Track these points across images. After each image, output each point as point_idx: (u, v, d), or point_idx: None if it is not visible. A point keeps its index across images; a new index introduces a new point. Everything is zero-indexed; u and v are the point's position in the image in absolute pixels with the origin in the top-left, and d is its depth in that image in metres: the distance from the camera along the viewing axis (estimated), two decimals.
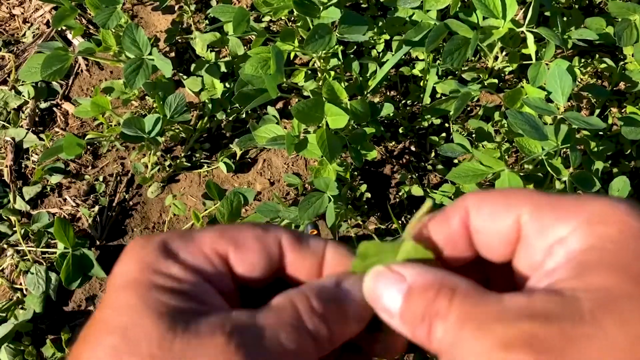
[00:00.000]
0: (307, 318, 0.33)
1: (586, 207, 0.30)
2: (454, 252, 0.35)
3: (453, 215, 0.35)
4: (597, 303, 0.27)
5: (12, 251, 1.44)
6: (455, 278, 0.32)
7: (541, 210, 0.32)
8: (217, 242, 0.35)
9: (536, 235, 0.32)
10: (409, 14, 1.35)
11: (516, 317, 0.28)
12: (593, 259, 0.28)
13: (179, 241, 0.35)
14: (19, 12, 1.85)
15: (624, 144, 1.41)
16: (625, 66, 1.42)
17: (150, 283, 0.32)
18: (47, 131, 1.62)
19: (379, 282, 0.34)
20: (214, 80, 1.52)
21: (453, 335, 0.30)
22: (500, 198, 0.33)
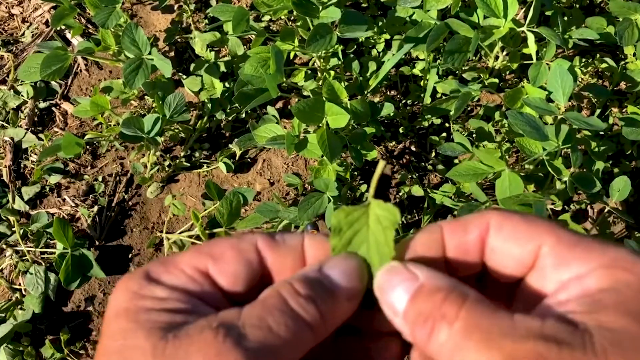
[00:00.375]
0: (293, 301, 0.34)
1: (608, 253, 0.32)
2: (462, 260, 0.36)
3: (473, 227, 0.35)
4: (608, 341, 0.28)
5: (11, 251, 1.44)
6: (467, 287, 0.33)
7: (563, 245, 0.33)
8: (195, 260, 0.36)
9: (553, 268, 0.33)
10: (409, 14, 1.35)
11: (527, 336, 0.28)
12: (609, 299, 0.30)
13: (160, 267, 0.36)
14: (18, 12, 1.85)
15: (624, 144, 1.41)
16: (626, 66, 1.42)
17: (138, 307, 0.34)
18: (46, 131, 1.62)
19: (391, 278, 0.35)
20: (214, 80, 1.52)
21: (457, 343, 0.30)
22: (524, 223, 0.34)
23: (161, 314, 0.33)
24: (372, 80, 1.37)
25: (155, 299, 0.34)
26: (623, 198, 1.17)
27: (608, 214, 1.31)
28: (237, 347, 0.31)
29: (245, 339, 0.31)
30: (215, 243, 0.37)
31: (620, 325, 0.28)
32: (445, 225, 0.37)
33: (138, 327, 0.32)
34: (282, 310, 0.33)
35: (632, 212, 1.38)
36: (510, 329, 0.29)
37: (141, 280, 0.35)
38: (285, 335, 0.32)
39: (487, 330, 0.29)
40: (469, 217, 0.36)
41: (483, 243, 0.35)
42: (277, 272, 0.38)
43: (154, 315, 0.33)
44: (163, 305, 0.34)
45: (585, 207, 1.40)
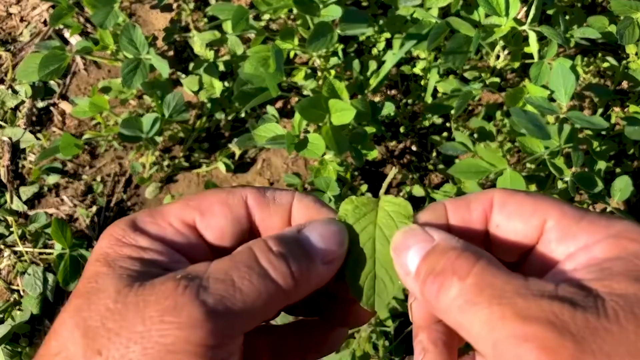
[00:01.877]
0: (263, 257, 0.33)
1: (614, 225, 0.32)
2: (465, 237, 0.35)
3: (476, 204, 0.35)
4: (619, 305, 0.28)
5: (9, 252, 1.43)
6: (482, 250, 0.32)
7: (568, 219, 0.33)
8: (184, 212, 0.36)
9: (559, 241, 0.33)
10: (410, 12, 1.34)
11: (540, 296, 0.28)
12: (618, 267, 0.30)
13: (147, 216, 0.36)
14: (16, 11, 1.84)
15: (626, 143, 1.40)
16: (628, 65, 1.41)
17: (116, 254, 0.34)
18: (44, 131, 1.61)
19: (407, 238, 0.35)
20: (213, 80, 1.51)
21: (468, 299, 0.30)
22: (528, 199, 0.34)
23: (137, 262, 0.33)
24: (373, 79, 1.37)
25: (136, 247, 0.34)
26: (625, 198, 1.16)
27: (610, 214, 1.30)
28: (195, 300, 0.30)
29: (205, 292, 0.31)
30: (204, 196, 0.37)
31: (632, 292, 0.28)
32: (449, 203, 0.36)
33: (110, 272, 0.33)
34: (250, 266, 0.32)
35: (634, 213, 1.38)
36: (524, 289, 0.29)
37: (126, 228, 0.35)
38: (248, 291, 0.32)
39: (501, 288, 0.29)
40: (472, 195, 0.36)
41: (486, 220, 0.35)
42: (265, 230, 0.37)
43: (130, 263, 0.33)
44: (142, 254, 0.34)
45: (587, 207, 1.39)
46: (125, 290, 0.32)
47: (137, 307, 0.31)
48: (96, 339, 0.30)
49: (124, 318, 0.30)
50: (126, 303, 0.31)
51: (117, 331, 0.30)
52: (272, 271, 0.33)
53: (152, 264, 0.34)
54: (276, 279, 0.32)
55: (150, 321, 0.30)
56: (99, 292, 0.32)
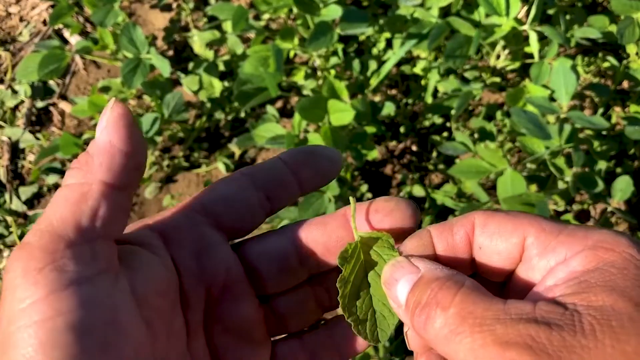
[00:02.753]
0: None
1: (591, 236, 0.33)
2: (452, 263, 0.36)
3: (458, 228, 0.36)
4: (596, 320, 0.28)
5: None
6: (464, 277, 0.33)
7: (547, 234, 0.34)
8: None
9: (540, 256, 0.34)
10: (410, 12, 1.34)
11: (518, 320, 0.29)
12: (596, 279, 0.30)
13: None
14: (16, 11, 1.84)
15: (627, 143, 1.40)
16: (628, 65, 1.41)
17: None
18: (44, 130, 1.61)
19: (395, 272, 0.35)
20: (213, 79, 1.51)
21: (451, 329, 0.30)
22: (507, 218, 0.35)
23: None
24: (373, 79, 1.36)
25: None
26: (625, 198, 1.16)
27: (610, 214, 1.30)
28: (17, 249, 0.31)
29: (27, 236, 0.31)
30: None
31: (608, 304, 0.29)
32: (433, 228, 0.37)
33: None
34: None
35: (635, 213, 1.38)
36: (502, 314, 0.30)
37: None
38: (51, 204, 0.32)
39: (481, 315, 0.30)
40: (455, 219, 0.37)
41: (470, 242, 0.36)
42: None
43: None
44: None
45: (588, 207, 1.39)
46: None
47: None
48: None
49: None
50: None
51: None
52: (67, 176, 0.33)
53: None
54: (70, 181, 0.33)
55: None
56: None
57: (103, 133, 0.33)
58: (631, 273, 0.30)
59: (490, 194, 1.29)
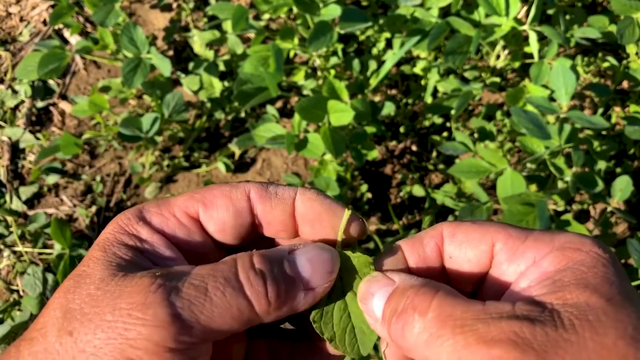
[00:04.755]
0: (242, 272, 0.33)
1: (557, 238, 0.34)
2: (425, 274, 0.37)
3: (428, 240, 0.37)
4: (574, 315, 0.30)
5: (8, 252, 1.42)
6: (439, 284, 0.34)
7: (514, 239, 0.35)
8: (188, 204, 0.37)
9: (509, 261, 0.35)
10: (410, 12, 1.34)
11: (499, 318, 0.30)
12: (569, 278, 0.32)
13: (153, 207, 0.37)
14: (16, 11, 1.84)
15: (627, 143, 1.40)
16: (628, 65, 1.41)
17: (115, 240, 0.35)
18: (44, 130, 1.61)
19: (370, 286, 0.36)
20: (213, 79, 1.51)
21: (431, 333, 0.31)
22: (474, 227, 0.36)
23: (130, 252, 0.34)
24: (373, 78, 1.36)
25: (135, 237, 0.35)
26: (625, 198, 1.16)
27: (610, 214, 1.30)
28: (164, 301, 0.31)
29: (176, 295, 0.31)
30: (209, 189, 0.37)
31: (583, 300, 0.30)
32: (404, 243, 0.38)
33: (102, 258, 0.33)
34: (227, 278, 0.32)
35: (635, 213, 1.38)
36: (482, 313, 0.30)
37: (132, 217, 0.36)
38: (218, 302, 0.32)
39: (461, 317, 0.30)
40: (423, 232, 0.38)
41: (441, 253, 0.37)
42: (267, 224, 0.37)
43: (124, 251, 0.34)
44: (139, 245, 0.35)
45: (587, 207, 1.39)
46: (108, 278, 0.32)
47: (112, 297, 0.31)
48: (71, 321, 0.31)
49: (98, 305, 0.31)
50: (105, 291, 0.32)
51: (91, 317, 0.31)
52: (247, 288, 0.32)
53: (145, 256, 0.35)
54: (250, 298, 0.32)
55: (119, 312, 0.31)
56: (87, 277, 0.33)
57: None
58: (600, 271, 0.32)
59: (490, 193, 1.29)
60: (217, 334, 0.32)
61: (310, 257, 0.35)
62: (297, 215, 0.37)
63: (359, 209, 1.42)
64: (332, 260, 0.36)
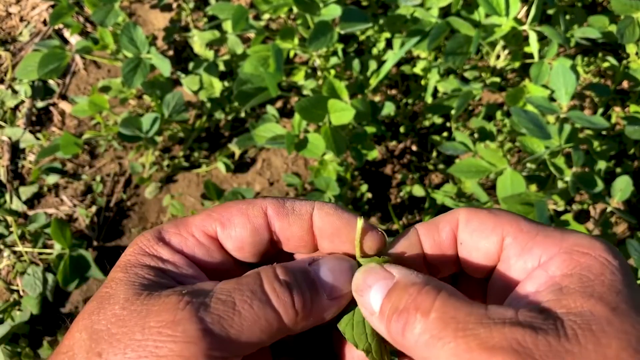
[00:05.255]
0: (268, 284, 0.33)
1: (567, 239, 0.33)
2: (439, 261, 0.37)
3: (444, 225, 0.37)
4: (577, 325, 0.29)
5: (8, 252, 1.42)
6: (441, 283, 0.33)
7: (524, 235, 0.34)
8: (206, 224, 0.37)
9: (517, 257, 0.34)
10: (410, 12, 1.34)
11: (502, 324, 0.29)
12: (574, 285, 0.31)
13: (172, 227, 0.37)
14: (16, 11, 1.84)
15: (627, 143, 1.40)
16: (628, 65, 1.41)
17: (137, 262, 0.35)
18: (44, 130, 1.61)
19: (368, 277, 0.35)
20: (213, 79, 1.51)
21: (432, 335, 0.30)
22: (489, 216, 0.36)
23: (152, 272, 0.34)
24: (373, 78, 1.36)
25: (156, 257, 0.35)
26: (625, 198, 1.16)
27: (610, 214, 1.30)
28: (194, 317, 0.31)
29: (205, 310, 0.31)
30: (226, 207, 0.38)
31: (587, 309, 0.30)
32: (420, 227, 0.38)
33: (124, 279, 0.34)
34: (253, 291, 0.33)
35: (635, 213, 1.38)
36: (485, 318, 0.30)
37: (152, 238, 0.36)
38: (247, 315, 0.32)
39: (463, 320, 0.30)
40: (440, 216, 0.37)
41: (456, 239, 0.37)
42: (285, 240, 0.37)
43: (146, 272, 0.34)
44: (161, 265, 0.35)
45: (587, 207, 1.39)
46: (133, 298, 0.32)
47: (139, 316, 0.31)
48: (99, 342, 0.31)
49: (126, 325, 0.31)
50: (131, 311, 0.32)
51: (119, 337, 0.31)
52: (274, 299, 0.33)
53: (168, 275, 0.35)
54: (277, 308, 0.33)
55: (149, 331, 0.31)
56: (111, 297, 0.33)
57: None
58: (607, 279, 0.31)
59: (490, 193, 1.29)
60: (246, 348, 0.32)
61: (331, 267, 0.36)
62: (316, 230, 0.37)
63: (359, 209, 1.42)
64: (352, 269, 0.36)
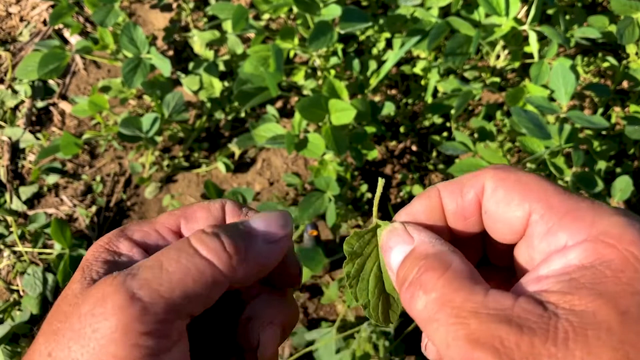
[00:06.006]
0: (195, 238, 0.33)
1: (598, 223, 0.30)
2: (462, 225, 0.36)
3: (468, 189, 0.35)
4: (573, 327, 0.27)
5: (8, 252, 1.42)
6: (454, 256, 0.32)
7: (552, 213, 0.31)
8: (170, 220, 0.37)
9: (540, 237, 0.32)
10: (410, 12, 1.34)
11: (493, 318, 0.28)
12: (586, 279, 0.28)
13: (135, 225, 0.37)
14: (16, 11, 1.84)
15: (627, 143, 1.40)
16: (628, 65, 1.41)
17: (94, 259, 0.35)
18: (44, 130, 1.61)
19: (390, 239, 0.35)
20: (213, 79, 1.51)
21: (430, 314, 0.30)
22: (517, 186, 0.33)
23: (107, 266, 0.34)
24: (373, 78, 1.37)
25: (115, 253, 0.35)
26: (625, 198, 1.16)
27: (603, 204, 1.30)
28: (120, 288, 0.30)
29: (132, 279, 0.31)
30: (189, 206, 0.38)
31: (590, 310, 0.27)
32: (443, 187, 0.36)
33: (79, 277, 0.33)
34: (180, 249, 0.33)
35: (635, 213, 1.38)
36: (481, 306, 0.29)
37: (113, 236, 0.36)
38: (175, 269, 0.31)
39: (459, 306, 0.29)
40: (465, 178, 0.35)
41: (480, 204, 0.35)
42: None
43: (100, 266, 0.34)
44: (116, 259, 0.35)
45: None
46: (79, 293, 0.32)
47: (76, 306, 0.31)
48: (49, 342, 0.31)
49: (67, 318, 0.31)
50: (73, 304, 0.31)
51: (63, 332, 0.31)
52: (202, 248, 0.33)
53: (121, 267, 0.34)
54: (206, 256, 0.32)
55: (84, 317, 0.30)
56: (65, 297, 0.33)
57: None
58: (625, 277, 0.28)
59: None
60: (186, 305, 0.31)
61: (261, 216, 0.36)
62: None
63: (358, 209, 1.42)
64: (284, 215, 0.36)
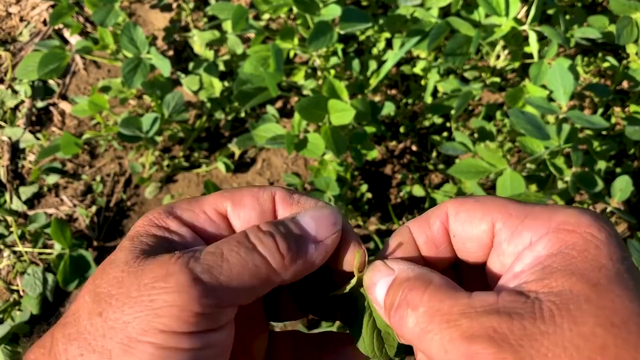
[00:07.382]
0: (252, 234, 0.35)
1: (554, 217, 0.34)
2: (435, 254, 0.38)
3: (434, 220, 0.38)
4: (556, 305, 0.30)
5: (8, 252, 1.43)
6: (433, 274, 0.35)
7: (513, 219, 0.35)
8: (217, 202, 0.39)
9: (508, 241, 0.35)
10: (410, 12, 1.34)
11: (481, 313, 0.30)
12: (557, 264, 0.32)
13: (184, 204, 0.39)
14: (16, 11, 1.84)
15: (626, 143, 1.40)
16: (628, 65, 1.41)
17: (144, 232, 0.37)
18: (44, 130, 1.61)
19: (373, 275, 0.37)
20: (213, 79, 1.51)
21: (422, 328, 0.32)
22: (476, 206, 0.37)
23: (157, 240, 0.36)
24: (373, 78, 1.37)
25: (164, 229, 0.37)
26: (625, 198, 1.16)
27: (610, 214, 1.30)
28: (184, 268, 0.33)
29: (195, 262, 0.33)
30: (238, 189, 0.40)
31: (567, 288, 0.30)
32: (412, 224, 0.39)
33: (129, 246, 0.36)
34: (239, 241, 0.35)
35: (635, 213, 1.38)
36: (468, 307, 0.31)
37: (163, 212, 0.38)
38: (235, 261, 0.34)
39: (448, 312, 0.31)
40: (430, 211, 0.38)
41: (447, 232, 0.38)
42: None
43: (151, 240, 0.36)
44: (167, 235, 0.37)
45: (588, 207, 1.39)
46: (132, 261, 0.35)
47: (135, 276, 0.34)
48: (100, 303, 0.34)
49: (123, 285, 0.34)
50: (129, 272, 0.34)
51: (117, 296, 0.33)
52: (259, 245, 0.35)
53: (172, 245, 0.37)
54: (263, 252, 0.35)
55: (144, 287, 0.33)
56: (112, 262, 0.35)
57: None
58: (590, 254, 0.31)
59: (490, 194, 1.29)
60: (240, 295, 0.34)
61: (312, 215, 0.38)
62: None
63: (358, 209, 1.42)
64: (334, 214, 0.38)
